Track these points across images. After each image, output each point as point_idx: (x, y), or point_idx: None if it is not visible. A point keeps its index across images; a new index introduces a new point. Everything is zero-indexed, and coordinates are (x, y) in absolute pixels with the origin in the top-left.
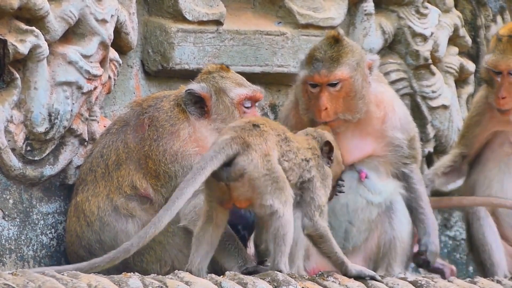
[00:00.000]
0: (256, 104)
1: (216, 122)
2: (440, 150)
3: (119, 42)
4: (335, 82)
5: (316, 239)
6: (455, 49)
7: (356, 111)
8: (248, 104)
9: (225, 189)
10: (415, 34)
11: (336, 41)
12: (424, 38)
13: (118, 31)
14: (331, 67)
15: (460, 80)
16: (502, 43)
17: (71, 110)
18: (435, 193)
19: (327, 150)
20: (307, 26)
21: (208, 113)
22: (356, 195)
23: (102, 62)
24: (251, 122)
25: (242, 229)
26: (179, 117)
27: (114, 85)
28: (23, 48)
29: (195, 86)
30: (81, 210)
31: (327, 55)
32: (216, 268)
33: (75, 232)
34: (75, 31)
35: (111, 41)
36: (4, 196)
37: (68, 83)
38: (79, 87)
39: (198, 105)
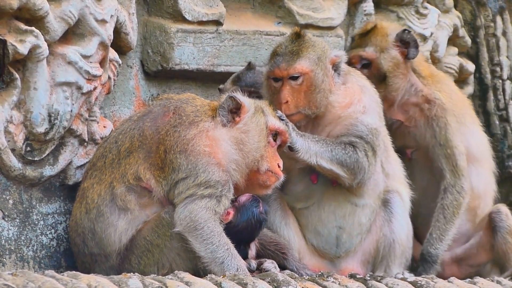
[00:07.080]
0: (280, 143)
1: (237, 132)
2: None
3: (119, 43)
4: (296, 75)
5: None
6: (455, 49)
7: (316, 106)
8: (274, 133)
9: None
10: (414, 34)
11: (297, 36)
12: (424, 38)
13: (118, 31)
14: (291, 61)
15: (460, 80)
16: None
17: (71, 111)
18: None
19: None
20: (307, 26)
21: (236, 123)
22: (339, 200)
23: (102, 63)
24: None
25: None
26: (206, 113)
27: (113, 85)
28: (23, 49)
29: (239, 94)
30: (85, 196)
31: (288, 49)
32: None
33: (75, 217)
34: (74, 31)
35: (111, 41)
36: (4, 196)
37: (68, 84)
38: (79, 88)
39: (231, 115)
